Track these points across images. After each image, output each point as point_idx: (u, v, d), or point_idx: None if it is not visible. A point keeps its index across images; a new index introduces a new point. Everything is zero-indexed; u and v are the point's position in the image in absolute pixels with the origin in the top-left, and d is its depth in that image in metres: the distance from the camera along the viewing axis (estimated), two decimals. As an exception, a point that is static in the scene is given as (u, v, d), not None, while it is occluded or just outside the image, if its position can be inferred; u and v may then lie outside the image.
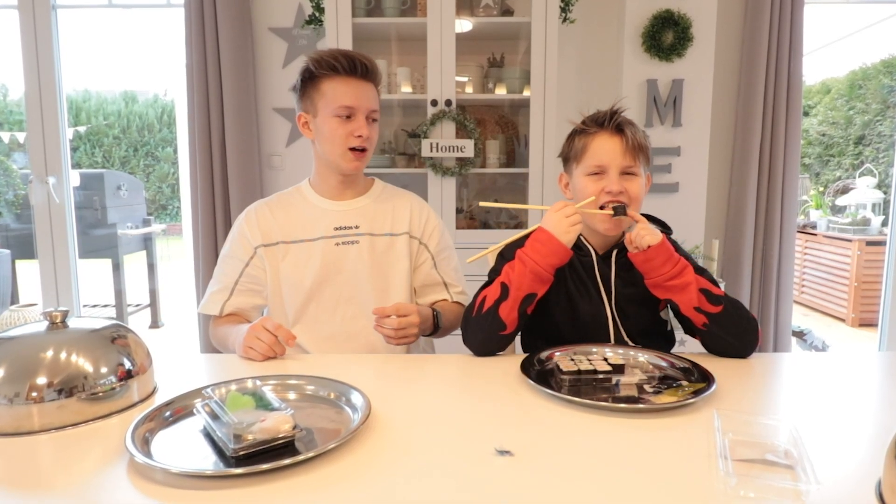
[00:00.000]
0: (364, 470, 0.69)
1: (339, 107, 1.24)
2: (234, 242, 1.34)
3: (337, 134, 1.25)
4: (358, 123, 1.25)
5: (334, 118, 1.24)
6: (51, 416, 0.80)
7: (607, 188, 1.15)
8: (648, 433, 0.79)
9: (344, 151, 1.26)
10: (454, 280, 1.40)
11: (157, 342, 3.96)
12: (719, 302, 1.09)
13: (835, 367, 1.09)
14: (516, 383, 0.98)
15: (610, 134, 1.16)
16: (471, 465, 0.70)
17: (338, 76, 1.24)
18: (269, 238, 1.31)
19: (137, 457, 0.68)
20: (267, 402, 0.79)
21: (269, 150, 2.86)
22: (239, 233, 1.34)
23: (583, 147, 1.18)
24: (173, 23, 2.79)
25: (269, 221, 1.32)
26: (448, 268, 1.40)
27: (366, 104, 1.26)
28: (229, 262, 1.33)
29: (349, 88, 1.24)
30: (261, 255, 1.31)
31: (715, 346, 1.13)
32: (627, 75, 2.68)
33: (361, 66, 1.24)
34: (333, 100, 1.24)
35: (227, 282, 1.32)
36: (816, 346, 3.61)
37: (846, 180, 5.54)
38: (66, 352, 0.83)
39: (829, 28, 5.86)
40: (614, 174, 1.15)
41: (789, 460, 0.69)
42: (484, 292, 1.15)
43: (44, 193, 2.81)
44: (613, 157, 1.15)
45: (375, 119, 1.30)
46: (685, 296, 1.09)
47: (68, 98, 4.61)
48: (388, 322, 1.15)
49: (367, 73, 1.26)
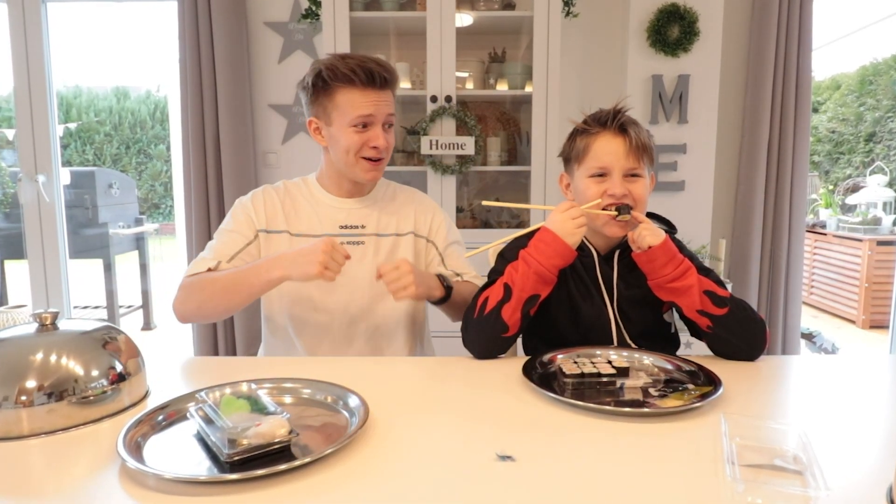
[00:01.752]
0: (362, 476, 0.69)
1: (355, 117, 1.21)
2: (235, 219, 1.29)
3: (352, 143, 1.22)
4: (375, 133, 1.23)
5: (350, 128, 1.22)
6: (40, 420, 0.80)
7: (610, 191, 1.14)
8: (653, 438, 0.79)
9: (358, 161, 1.24)
10: (465, 269, 1.38)
11: (150, 344, 3.96)
12: (724, 304, 1.09)
13: (845, 370, 1.09)
14: (518, 386, 0.98)
15: (613, 134, 1.15)
16: (471, 471, 0.70)
17: (354, 88, 1.20)
18: (273, 224, 1.29)
19: (129, 462, 0.68)
20: (262, 406, 0.79)
21: (265, 147, 2.86)
22: (243, 210, 1.29)
23: (584, 147, 1.17)
24: (166, 17, 2.79)
25: (275, 208, 1.30)
26: (457, 260, 1.38)
27: (383, 112, 1.23)
28: (229, 235, 1.27)
29: (366, 99, 1.21)
30: (261, 240, 1.29)
31: (721, 349, 1.13)
32: (632, 71, 2.68)
33: (381, 78, 1.21)
34: (350, 111, 1.21)
35: (224, 253, 1.24)
36: (826, 349, 3.61)
37: (856, 178, 5.54)
38: (56, 354, 0.83)
39: (839, 22, 5.86)
40: (617, 176, 1.14)
41: (798, 466, 0.69)
42: (486, 293, 1.15)
43: (33, 192, 2.81)
44: (616, 159, 1.14)
45: (392, 124, 1.27)
46: (688, 298, 1.09)
47: (58, 94, 4.62)
48: (384, 277, 1.13)
49: (385, 84, 1.23)
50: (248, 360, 1.18)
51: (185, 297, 1.20)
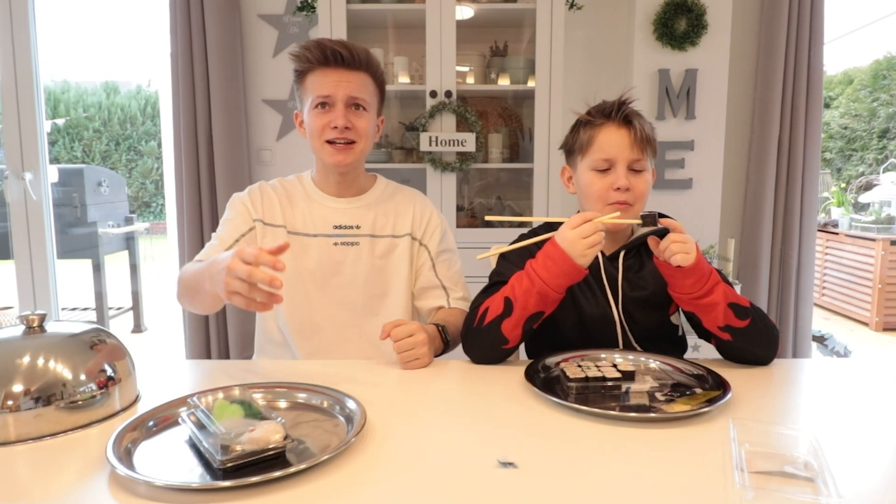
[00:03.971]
0: (359, 483, 0.69)
1: (314, 97, 1.24)
2: (234, 210, 1.31)
3: (314, 126, 1.25)
4: (334, 113, 1.24)
5: (313, 111, 1.25)
6: (27, 425, 0.80)
7: (615, 184, 1.14)
8: (660, 444, 0.79)
9: (322, 144, 1.26)
10: (454, 284, 1.37)
11: (140, 347, 3.97)
12: (747, 315, 1.07)
13: (857, 374, 1.09)
14: (520, 391, 0.98)
15: (617, 126, 1.15)
16: (472, 479, 0.70)
17: (315, 68, 1.24)
18: (270, 218, 1.30)
19: (119, 469, 0.68)
20: (256, 411, 0.79)
21: (259, 143, 2.86)
22: (240, 202, 1.31)
23: (588, 139, 1.18)
24: (157, 9, 2.79)
25: (273, 203, 1.31)
26: (448, 271, 1.38)
27: (343, 91, 1.23)
28: (230, 223, 1.29)
29: (325, 79, 1.23)
30: (258, 231, 1.29)
31: (736, 357, 1.12)
32: (638, 65, 2.68)
33: (338, 56, 1.22)
34: (311, 92, 1.25)
35: (227, 239, 1.28)
36: (838, 352, 3.61)
37: (869, 176, 5.54)
38: (43, 358, 0.83)
39: (852, 14, 5.86)
40: (622, 169, 1.14)
41: (809, 473, 0.69)
42: (486, 303, 1.13)
43: (20, 190, 2.81)
44: (621, 151, 1.14)
45: (364, 108, 1.27)
46: (710, 315, 1.07)
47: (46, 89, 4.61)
48: (395, 346, 1.09)
49: (342, 61, 1.23)
50: (242, 363, 1.18)
51: (179, 291, 1.21)
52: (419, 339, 1.10)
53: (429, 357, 1.12)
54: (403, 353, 1.10)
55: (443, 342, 1.21)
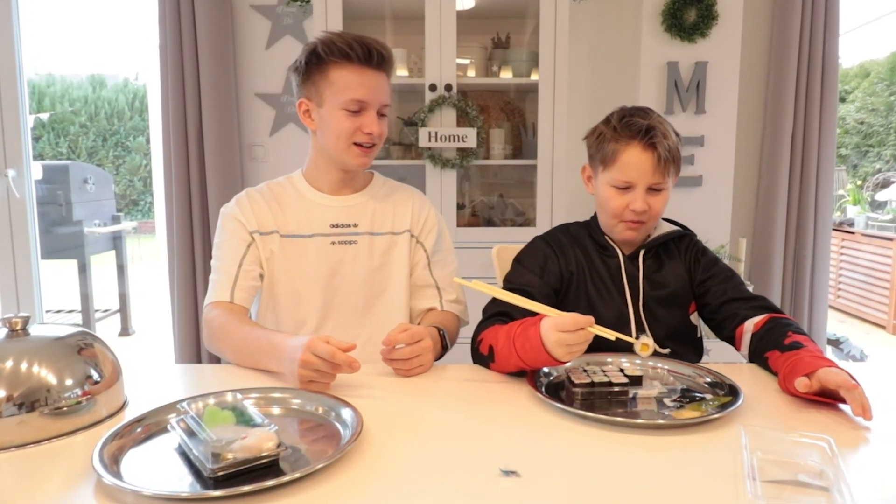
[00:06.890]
0: (355, 492, 0.69)
1: (349, 100, 1.22)
2: (228, 229, 1.30)
3: (344, 128, 1.24)
4: (368, 119, 1.24)
5: (342, 111, 1.23)
6: (10, 432, 0.80)
7: (632, 206, 1.18)
8: (669, 452, 0.79)
9: (349, 146, 1.25)
10: (447, 285, 1.38)
11: (128, 351, 3.97)
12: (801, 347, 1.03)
13: (874, 379, 1.08)
14: (523, 396, 0.98)
15: (643, 147, 1.17)
16: (473, 488, 0.70)
17: (350, 64, 1.22)
18: (264, 226, 1.30)
19: (106, 478, 0.68)
20: (248, 418, 0.79)
21: (251, 139, 2.86)
22: (233, 217, 1.30)
23: (612, 155, 1.20)
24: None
25: (262, 209, 1.31)
26: (443, 272, 1.38)
27: (379, 98, 1.24)
28: (226, 247, 1.28)
29: (362, 80, 1.22)
30: (258, 242, 1.29)
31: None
32: (646, 57, 2.68)
33: (378, 55, 1.22)
34: (343, 91, 1.22)
35: (229, 266, 1.26)
36: (854, 356, 3.61)
37: (887, 173, 5.55)
38: (26, 362, 0.83)
39: (869, 4, 5.86)
40: (640, 191, 1.18)
41: (824, 481, 0.69)
42: (482, 335, 1.14)
43: (2, 187, 2.81)
44: (642, 175, 1.18)
45: (385, 114, 1.28)
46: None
47: (30, 82, 4.62)
48: (399, 353, 1.08)
49: (382, 63, 1.24)
50: (234, 367, 1.18)
51: (213, 341, 1.22)
52: (425, 345, 1.10)
53: (430, 363, 1.13)
54: (409, 360, 1.08)
55: (442, 347, 1.22)
